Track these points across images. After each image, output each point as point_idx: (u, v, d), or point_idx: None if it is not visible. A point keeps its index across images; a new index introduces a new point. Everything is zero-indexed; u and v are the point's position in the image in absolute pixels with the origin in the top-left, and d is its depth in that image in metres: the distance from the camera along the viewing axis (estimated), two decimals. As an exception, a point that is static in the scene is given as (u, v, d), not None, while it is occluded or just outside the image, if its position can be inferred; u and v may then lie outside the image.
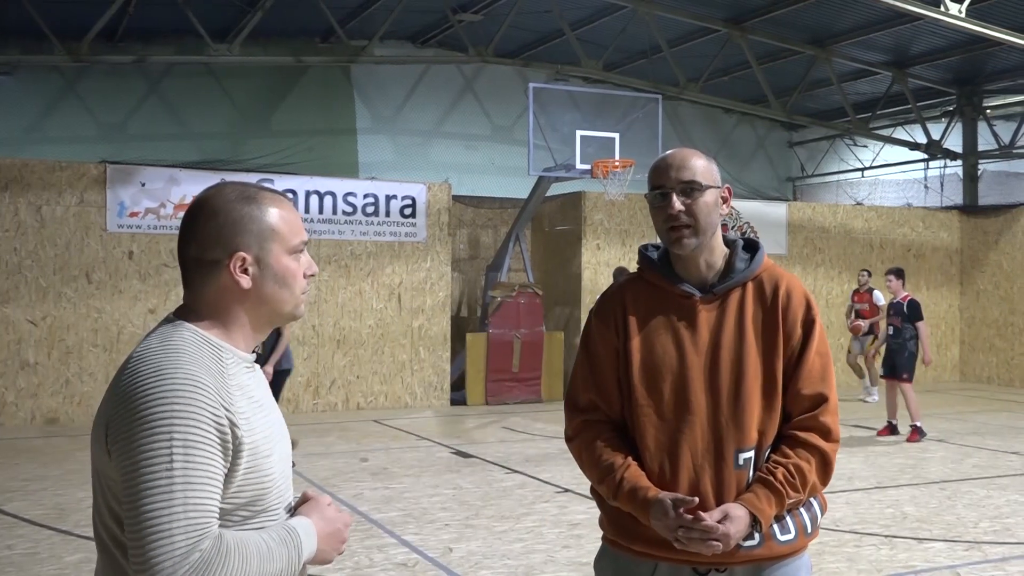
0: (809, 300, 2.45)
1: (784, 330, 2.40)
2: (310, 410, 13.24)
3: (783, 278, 2.45)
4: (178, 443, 1.62)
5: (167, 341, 1.74)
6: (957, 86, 17.33)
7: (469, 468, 9.14)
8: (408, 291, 13.91)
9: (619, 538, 2.43)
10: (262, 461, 1.74)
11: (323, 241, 13.44)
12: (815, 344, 2.40)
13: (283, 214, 1.84)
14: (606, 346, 2.48)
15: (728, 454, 2.33)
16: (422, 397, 13.91)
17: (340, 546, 1.87)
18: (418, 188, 14.13)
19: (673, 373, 2.39)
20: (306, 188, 13.47)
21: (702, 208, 2.40)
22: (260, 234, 1.80)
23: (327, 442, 10.66)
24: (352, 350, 13.55)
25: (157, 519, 1.59)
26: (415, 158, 16.52)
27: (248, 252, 1.79)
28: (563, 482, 8.35)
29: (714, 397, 2.36)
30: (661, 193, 2.43)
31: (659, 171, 2.45)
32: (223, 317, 1.81)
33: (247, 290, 1.80)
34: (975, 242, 17.28)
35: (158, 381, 1.65)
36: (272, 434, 1.80)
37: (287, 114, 15.77)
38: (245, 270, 1.80)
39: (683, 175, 2.41)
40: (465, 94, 17.14)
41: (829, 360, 2.44)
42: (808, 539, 2.41)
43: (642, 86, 16.07)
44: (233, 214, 1.79)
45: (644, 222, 15.06)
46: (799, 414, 2.38)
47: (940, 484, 8.43)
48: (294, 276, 1.85)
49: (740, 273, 2.44)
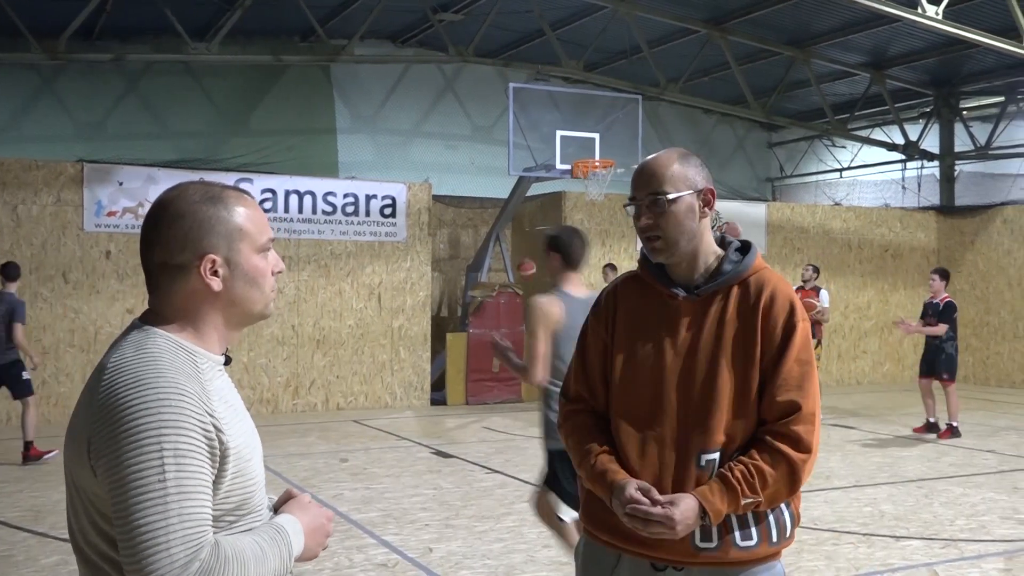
0: (793, 305, 2.39)
1: (763, 336, 2.36)
2: (290, 410, 13.19)
3: (770, 282, 2.41)
4: (169, 453, 1.59)
5: (142, 349, 1.71)
6: (934, 87, 17.47)
7: (449, 468, 9.13)
8: (388, 291, 13.88)
9: (591, 527, 2.48)
10: (245, 465, 1.73)
11: (303, 241, 13.39)
12: (794, 351, 2.34)
13: (249, 213, 1.82)
14: (596, 342, 2.52)
15: (691, 454, 2.32)
16: (402, 397, 13.89)
17: (324, 540, 1.87)
18: (398, 188, 14.10)
19: (651, 371, 2.40)
20: (286, 188, 13.41)
21: (670, 221, 2.39)
22: (229, 235, 1.78)
23: (307, 442, 10.62)
24: (332, 350, 13.51)
25: (154, 533, 1.57)
26: (395, 158, 16.49)
27: (218, 253, 1.77)
28: (543, 482, 8.34)
29: (685, 397, 2.36)
30: (631, 205, 2.45)
31: (633, 179, 2.47)
32: (194, 321, 1.79)
33: (218, 292, 1.78)
34: (952, 242, 17.43)
35: (141, 391, 1.62)
36: (250, 437, 1.79)
37: (266, 113, 15.71)
38: (215, 272, 1.78)
39: (652, 186, 2.40)
40: (445, 94, 17.12)
41: (811, 368, 2.36)
42: (774, 548, 2.36)
43: (622, 86, 16.12)
44: (200, 215, 1.77)
45: (624, 222, 15.10)
46: (772, 421, 2.33)
47: (917, 482, 8.50)
48: (263, 275, 1.84)
49: (726, 275, 2.42)
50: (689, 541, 2.31)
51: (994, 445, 10.50)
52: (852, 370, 16.91)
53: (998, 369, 16.60)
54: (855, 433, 11.38)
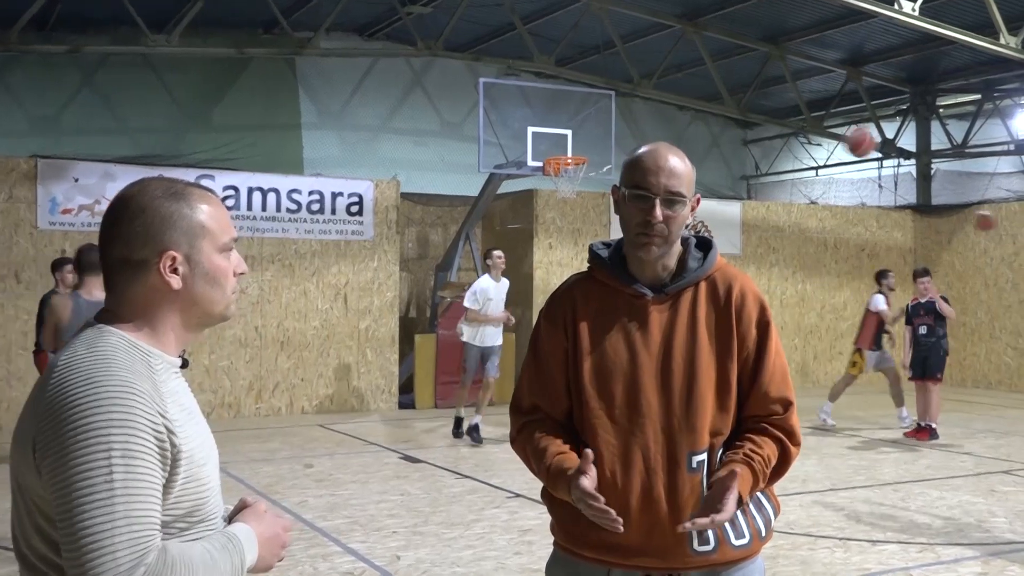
0: (763, 302, 2.46)
1: (738, 332, 2.41)
2: (252, 414, 13.09)
3: (736, 278, 2.46)
4: (117, 453, 1.57)
5: (94, 347, 1.69)
6: (911, 85, 17.65)
7: (418, 473, 9.11)
8: (355, 291, 13.82)
9: (569, 544, 2.43)
10: (198, 470, 1.71)
11: (266, 239, 13.30)
12: (773, 346, 2.42)
13: (212, 211, 1.82)
14: (554, 348, 2.47)
15: (681, 457, 2.34)
16: (369, 400, 13.83)
17: (280, 551, 1.86)
18: (365, 185, 14.05)
19: (624, 375, 2.39)
20: (249, 184, 13.32)
21: (678, 221, 2.39)
22: (190, 232, 1.77)
23: (270, 448, 10.55)
24: (296, 352, 13.43)
25: (98, 535, 1.54)
26: (362, 154, 16.42)
27: (178, 251, 1.76)
28: (514, 487, 8.35)
29: (666, 399, 2.36)
30: (643, 195, 2.37)
31: (645, 171, 2.37)
32: (152, 320, 1.77)
33: (177, 291, 1.77)
34: (928, 242, 17.62)
35: (90, 389, 1.60)
36: (205, 442, 1.78)
37: (229, 108, 15.59)
38: (175, 270, 1.76)
39: (672, 184, 2.36)
40: (414, 89, 17.08)
41: (786, 364, 2.47)
42: (762, 543, 2.43)
43: (595, 82, 16.15)
44: (161, 211, 1.76)
45: (597, 220, 15.13)
46: (767, 415, 2.39)
47: (893, 486, 8.58)
48: (225, 275, 1.83)
49: (693, 273, 2.45)
50: (687, 546, 2.32)
51: (971, 447, 10.62)
52: (828, 372, 17.03)
53: (975, 370, 16.80)
54: (831, 436, 11.47)
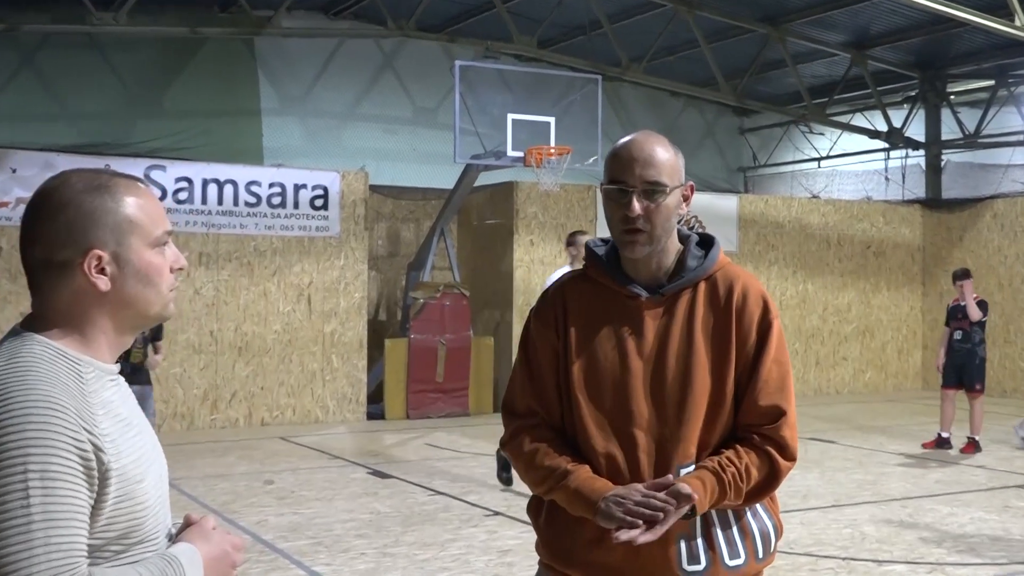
0: (767, 302, 2.46)
1: (738, 336, 2.41)
2: (207, 426, 13.03)
3: (739, 278, 2.47)
4: (34, 475, 1.56)
5: (14, 358, 1.68)
6: (919, 70, 17.76)
7: (388, 490, 9.10)
8: (319, 292, 13.78)
9: (555, 562, 2.45)
10: (133, 488, 1.70)
11: (223, 236, 13.24)
12: (772, 351, 2.42)
13: (141, 202, 1.80)
14: (545, 349, 2.49)
15: (671, 470, 2.35)
16: (335, 411, 13.80)
17: (230, 571, 1.85)
18: (330, 176, 14.01)
19: (615, 381, 2.40)
20: (203, 176, 13.26)
21: (663, 213, 2.40)
22: (117, 227, 1.76)
23: (226, 463, 10.52)
24: (255, 358, 13.38)
25: (15, 564, 1.53)
26: (327, 143, 16.38)
27: (104, 249, 1.75)
28: (493, 504, 8.34)
29: (658, 409, 2.38)
30: (621, 189, 2.40)
31: (621, 163, 2.41)
32: (80, 325, 1.76)
33: (106, 292, 1.76)
34: (938, 239, 17.72)
35: (6, 406, 1.59)
36: (143, 456, 1.76)
37: (182, 93, 15.51)
38: (102, 270, 1.75)
39: (648, 174, 2.38)
40: (384, 72, 17.05)
41: (788, 369, 2.45)
42: (761, 565, 2.43)
43: (580, 65, 16.16)
44: (84, 206, 1.74)
45: (582, 215, 15.15)
46: (758, 426, 2.39)
47: (901, 501, 8.63)
48: (159, 272, 1.81)
49: (691, 272, 2.46)
50: (675, 564, 2.34)
51: (984, 460, 10.71)
52: (831, 378, 17.14)
53: (988, 377, 16.81)
54: (834, 448, 11.53)
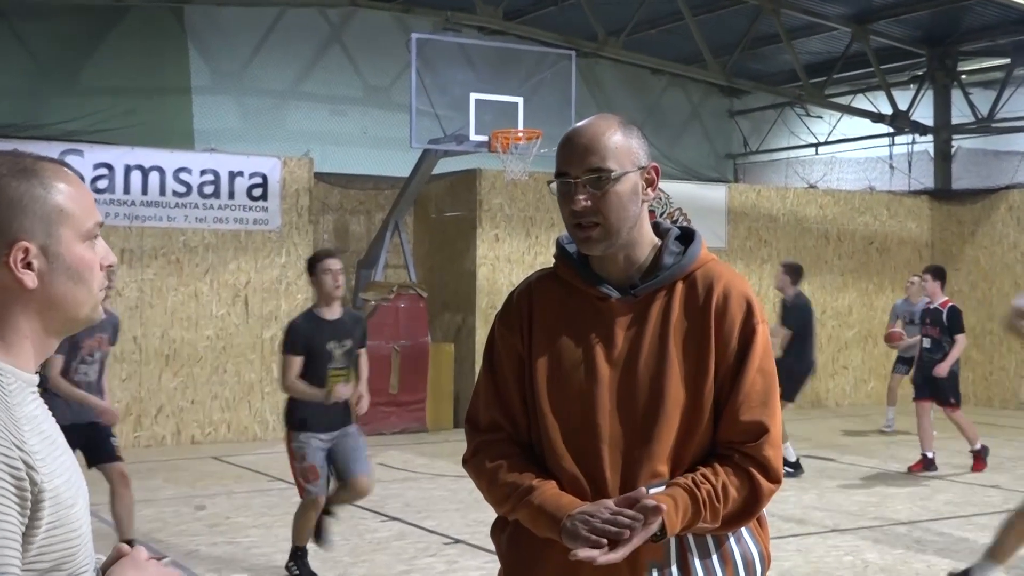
0: (751, 304, 2.46)
1: (717, 342, 2.42)
2: (130, 445, 12.92)
3: (720, 276, 2.48)
4: None
5: None
6: (928, 46, 17.89)
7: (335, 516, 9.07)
8: (258, 293, 13.73)
9: None
10: (66, 513, 1.69)
11: (147, 229, 13.16)
12: (756, 359, 2.42)
13: (72, 191, 1.79)
14: (510, 356, 2.51)
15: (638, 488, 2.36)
16: (275, 427, 13.73)
17: None
18: (270, 163, 13.96)
19: (581, 392, 2.42)
20: (126, 162, 13.17)
21: (612, 202, 2.41)
22: (46, 217, 1.74)
23: (152, 486, 10.42)
24: (185, 368, 13.30)
25: None
26: (266, 125, 16.31)
27: (32, 241, 1.73)
28: (452, 531, 8.34)
29: (626, 423, 2.39)
30: (564, 181, 2.43)
31: (564, 152, 2.46)
32: (2, 327, 1.75)
33: (32, 290, 1.74)
34: (948, 234, 17.88)
35: None
36: (72, 478, 1.75)
37: (101, 68, 15.39)
38: (29, 264, 1.73)
39: (590, 160, 2.41)
40: (331, 46, 17.00)
41: (774, 380, 2.46)
42: None
43: (552, 40, 16.19)
44: (8, 192, 1.73)
45: (553, 207, 15.15)
46: (738, 444, 2.40)
47: (907, 525, 8.70)
48: (90, 268, 1.80)
49: (668, 270, 2.47)
50: None
51: (998, 479, 10.81)
52: (830, 389, 17.26)
53: (1003, 387, 17.06)
54: (833, 467, 11.61)
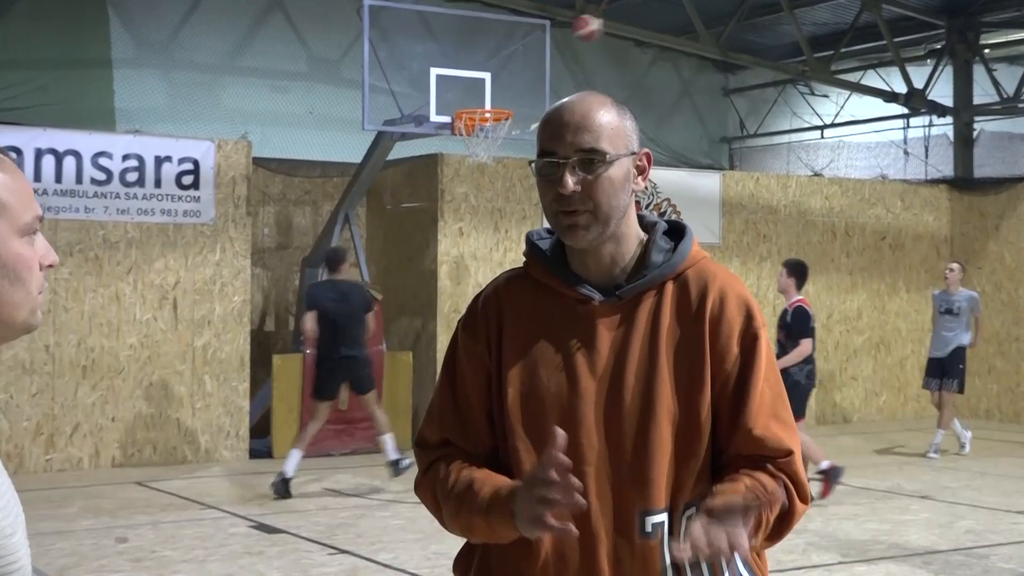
0: (750, 308, 2.47)
1: (714, 351, 2.43)
2: (41, 469, 12.86)
3: (715, 277, 2.48)
4: None
5: None
6: (947, 17, 18.00)
7: (276, 548, 9.07)
8: (188, 295, 13.66)
9: None
10: (5, 542, 1.70)
11: (62, 222, 13.06)
12: (762, 369, 2.43)
13: (8, 181, 1.79)
14: (474, 368, 2.51)
15: (631, 518, 2.37)
16: (208, 448, 13.68)
17: None
18: (202, 147, 13.90)
19: (560, 408, 2.42)
20: (36, 145, 13.08)
21: (605, 187, 2.40)
22: None
23: (67, 515, 10.40)
24: (105, 381, 13.22)
25: None
26: (199, 104, 16.26)
27: None
28: (411, 565, 8.34)
29: (613, 442, 2.40)
30: (551, 162, 2.42)
31: (550, 130, 2.44)
32: None
33: None
34: (969, 227, 17.97)
35: None
36: (9, 503, 1.75)
37: (8, 38, 15.32)
38: None
39: (582, 140, 2.40)
40: (271, 13, 16.96)
41: (783, 390, 2.48)
42: None
43: (524, 8, 16.20)
44: None
45: (525, 197, 15.18)
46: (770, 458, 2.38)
47: (924, 556, 8.75)
48: (29, 267, 1.80)
49: (656, 269, 2.47)
50: None
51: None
52: (838, 402, 17.33)
53: (1030, 399, 17.17)
54: (842, 489, 11.66)
